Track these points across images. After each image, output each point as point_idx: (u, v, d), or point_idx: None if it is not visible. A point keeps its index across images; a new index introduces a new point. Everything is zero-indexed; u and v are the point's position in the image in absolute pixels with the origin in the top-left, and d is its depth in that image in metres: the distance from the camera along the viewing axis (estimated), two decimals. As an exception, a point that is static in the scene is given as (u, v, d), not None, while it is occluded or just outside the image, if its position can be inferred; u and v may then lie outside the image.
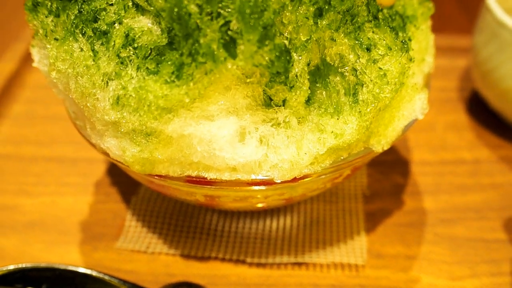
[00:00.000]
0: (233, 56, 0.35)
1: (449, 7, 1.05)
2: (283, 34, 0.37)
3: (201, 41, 0.34)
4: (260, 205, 0.51)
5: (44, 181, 0.67)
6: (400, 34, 0.43)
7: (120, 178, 0.66)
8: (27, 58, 0.84)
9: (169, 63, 0.36)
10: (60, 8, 0.39)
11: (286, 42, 0.37)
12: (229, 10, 0.34)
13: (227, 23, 0.34)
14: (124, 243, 0.58)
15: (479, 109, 0.76)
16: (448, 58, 0.85)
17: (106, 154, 0.44)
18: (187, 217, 0.60)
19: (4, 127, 0.74)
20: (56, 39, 0.39)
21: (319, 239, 0.58)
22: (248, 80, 0.37)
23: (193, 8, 0.34)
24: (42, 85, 0.78)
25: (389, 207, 0.63)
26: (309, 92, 0.39)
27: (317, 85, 0.42)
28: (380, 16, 0.41)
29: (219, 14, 0.34)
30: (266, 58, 0.35)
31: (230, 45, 0.35)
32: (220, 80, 0.36)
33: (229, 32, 0.34)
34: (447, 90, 0.80)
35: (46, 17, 0.40)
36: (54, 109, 0.75)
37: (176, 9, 0.34)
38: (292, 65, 0.37)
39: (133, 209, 0.62)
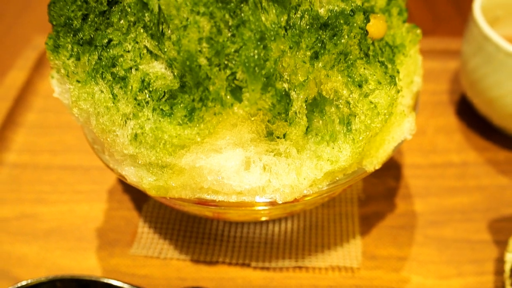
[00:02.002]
0: (239, 100, 0.39)
1: (444, 8, 1.09)
2: (283, 76, 0.41)
3: (211, 88, 0.38)
4: (263, 218, 0.55)
5: (59, 189, 0.71)
6: (390, 66, 0.47)
7: (131, 186, 0.70)
8: (38, 66, 0.88)
9: (181, 105, 0.40)
10: (80, 52, 0.43)
11: (286, 84, 0.41)
12: (235, 62, 0.38)
13: (233, 73, 0.38)
14: (138, 249, 0.63)
15: (468, 112, 0.81)
16: (440, 60, 0.89)
17: (123, 178, 0.48)
18: (196, 224, 0.65)
19: (20, 136, 0.78)
20: (78, 81, 0.43)
21: (317, 243, 0.63)
22: (252, 118, 0.41)
23: (203, 61, 0.38)
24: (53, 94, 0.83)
25: (382, 210, 0.68)
26: (307, 125, 0.44)
27: (314, 114, 0.46)
28: (370, 53, 0.45)
29: (226, 65, 0.38)
30: (269, 102, 0.39)
31: (236, 91, 0.39)
32: (227, 120, 0.40)
33: (235, 82, 0.38)
34: (438, 93, 0.85)
35: (68, 59, 0.44)
36: (67, 117, 0.79)
37: (188, 62, 0.38)
38: (292, 105, 0.41)
39: (145, 216, 0.67)
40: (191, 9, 0.37)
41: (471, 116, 0.80)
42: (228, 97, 0.39)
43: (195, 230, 0.65)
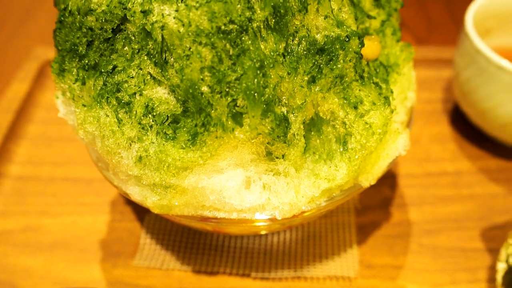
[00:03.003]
0: (240, 125, 0.41)
1: (438, 15, 1.10)
2: (282, 100, 0.43)
3: (212, 114, 0.40)
4: (263, 232, 0.57)
5: (62, 201, 0.73)
6: (384, 86, 0.49)
7: (133, 198, 0.72)
8: (39, 77, 0.89)
9: (184, 129, 0.42)
10: (85, 76, 0.45)
11: (284, 108, 0.43)
12: (236, 89, 0.39)
13: (234, 100, 0.40)
14: (141, 260, 0.65)
15: (461, 120, 0.83)
16: (434, 69, 0.91)
17: (127, 195, 0.50)
18: (197, 235, 0.67)
19: (22, 148, 0.80)
20: (83, 105, 0.44)
21: (315, 253, 0.65)
22: (252, 141, 0.43)
23: (205, 89, 0.39)
24: (55, 106, 0.84)
25: (378, 220, 0.69)
26: (304, 146, 0.45)
27: (312, 133, 0.48)
28: (365, 75, 0.47)
29: (227, 93, 0.40)
30: (268, 127, 0.41)
31: (237, 116, 0.41)
32: (228, 143, 0.42)
33: (236, 108, 0.40)
34: (432, 102, 0.86)
35: (74, 83, 0.45)
36: (68, 129, 0.81)
37: (190, 90, 0.39)
38: (290, 128, 0.43)
39: (147, 228, 0.68)
40: (193, 39, 0.39)
41: (464, 124, 0.82)
42: (229, 122, 0.40)
43: (196, 241, 0.66)
